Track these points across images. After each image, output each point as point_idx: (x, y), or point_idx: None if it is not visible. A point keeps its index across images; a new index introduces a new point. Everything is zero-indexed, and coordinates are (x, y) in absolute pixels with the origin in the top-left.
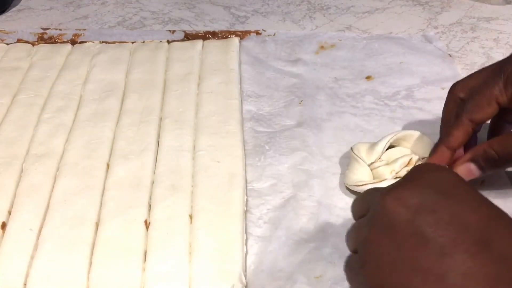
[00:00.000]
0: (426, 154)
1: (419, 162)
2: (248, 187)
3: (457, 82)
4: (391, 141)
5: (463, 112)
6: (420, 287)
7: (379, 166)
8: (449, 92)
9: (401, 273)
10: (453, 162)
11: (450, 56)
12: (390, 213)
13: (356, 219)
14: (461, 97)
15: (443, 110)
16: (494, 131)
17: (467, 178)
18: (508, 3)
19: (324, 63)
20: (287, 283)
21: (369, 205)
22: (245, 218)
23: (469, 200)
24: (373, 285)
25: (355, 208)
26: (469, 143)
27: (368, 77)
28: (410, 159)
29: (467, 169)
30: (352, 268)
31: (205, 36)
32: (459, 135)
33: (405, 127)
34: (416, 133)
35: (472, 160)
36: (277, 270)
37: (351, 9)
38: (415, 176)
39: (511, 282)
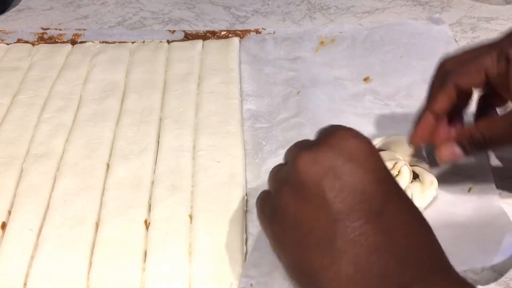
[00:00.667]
0: (414, 162)
1: (405, 167)
2: (248, 187)
3: (448, 56)
4: (379, 145)
5: (449, 77)
6: (313, 248)
7: None
8: (438, 65)
9: (299, 231)
10: (439, 137)
11: (456, 41)
12: (301, 172)
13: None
14: (450, 70)
15: (430, 81)
16: (480, 115)
17: (450, 159)
18: (508, 3)
19: (323, 61)
20: (287, 283)
21: (290, 156)
22: (245, 218)
23: (375, 171)
24: (274, 234)
25: (286, 154)
26: (454, 121)
27: (365, 79)
28: (395, 164)
29: (451, 151)
30: (263, 208)
31: (205, 36)
32: (443, 99)
33: (406, 127)
34: (404, 138)
35: (458, 141)
36: (278, 269)
37: (351, 9)
38: (333, 142)
39: (393, 254)
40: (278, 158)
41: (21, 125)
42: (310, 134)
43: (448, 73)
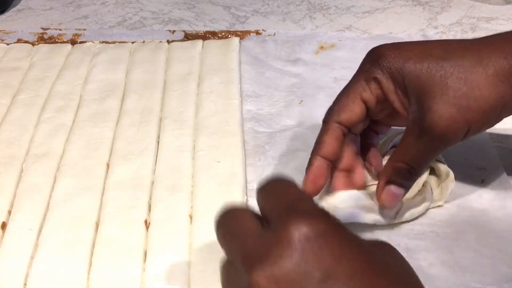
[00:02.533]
0: None
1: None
2: (248, 187)
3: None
4: (394, 141)
5: (330, 116)
6: None
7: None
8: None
9: None
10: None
11: None
12: None
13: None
14: (329, 109)
15: None
16: (364, 146)
17: (394, 202)
18: (508, 3)
19: (324, 63)
20: None
21: (275, 216)
22: None
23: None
24: None
25: (266, 194)
26: (369, 151)
27: None
28: None
29: (390, 194)
30: None
31: (205, 36)
32: (330, 141)
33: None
34: None
35: (389, 182)
36: None
37: (351, 9)
38: (292, 244)
39: None
40: (281, 167)
41: (21, 125)
42: (313, 144)
43: (328, 113)
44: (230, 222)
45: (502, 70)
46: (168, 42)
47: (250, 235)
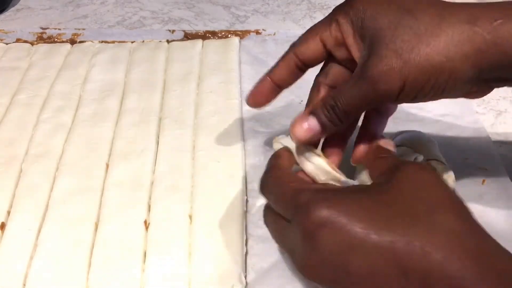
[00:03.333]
0: (431, 155)
1: (424, 162)
2: (248, 187)
3: None
4: (395, 141)
5: (290, 48)
6: None
7: None
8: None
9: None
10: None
11: None
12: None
13: (273, 206)
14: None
15: None
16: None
17: (307, 135)
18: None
19: None
20: (287, 283)
21: (290, 217)
22: (245, 218)
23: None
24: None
25: (271, 200)
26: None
27: None
28: (415, 159)
29: (304, 124)
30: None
31: (205, 35)
32: (282, 66)
33: (406, 127)
34: (419, 133)
35: (311, 112)
36: (277, 270)
37: None
38: (311, 237)
39: None
40: None
41: (20, 125)
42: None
43: (289, 46)
44: (272, 221)
45: (460, 36)
46: (168, 41)
47: (287, 234)
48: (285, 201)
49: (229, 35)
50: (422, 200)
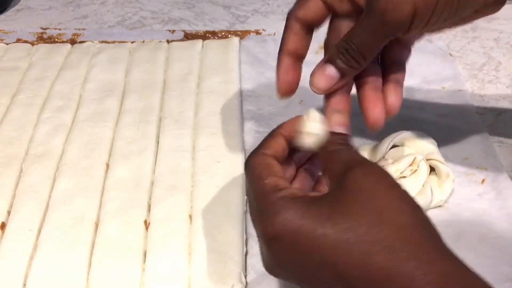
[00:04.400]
0: (430, 155)
1: (423, 162)
2: (251, 185)
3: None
4: (394, 140)
5: (288, 14)
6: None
7: (384, 165)
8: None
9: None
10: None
11: (451, 55)
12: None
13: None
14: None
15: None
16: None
17: (328, 84)
18: (508, 3)
19: None
20: (288, 284)
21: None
22: (245, 218)
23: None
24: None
25: (248, 186)
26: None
27: None
28: (414, 159)
29: (324, 74)
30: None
31: (205, 36)
32: (290, 37)
33: (406, 127)
34: (419, 133)
35: (328, 60)
36: None
37: None
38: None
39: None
40: None
41: (20, 125)
42: None
43: (288, 13)
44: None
45: None
46: (168, 42)
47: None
48: (257, 200)
49: (229, 35)
50: (368, 210)
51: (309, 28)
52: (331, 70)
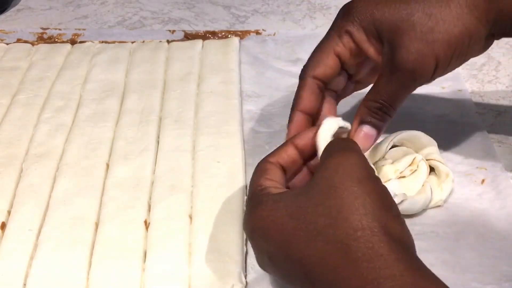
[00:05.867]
0: (430, 155)
1: (422, 162)
2: (248, 187)
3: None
4: (394, 140)
5: (305, 72)
6: None
7: (383, 165)
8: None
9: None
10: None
11: None
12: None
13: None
14: (305, 65)
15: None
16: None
17: (369, 143)
18: None
19: None
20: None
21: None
22: None
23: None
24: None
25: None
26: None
27: None
28: (414, 159)
29: (363, 134)
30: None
31: (205, 36)
32: (307, 96)
33: (405, 127)
34: (418, 133)
35: (362, 122)
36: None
37: None
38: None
39: None
40: None
41: (20, 125)
42: None
43: (303, 70)
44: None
45: (466, 2)
46: (168, 42)
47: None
48: (249, 191)
49: (229, 35)
50: (327, 208)
51: (325, 84)
52: (368, 130)
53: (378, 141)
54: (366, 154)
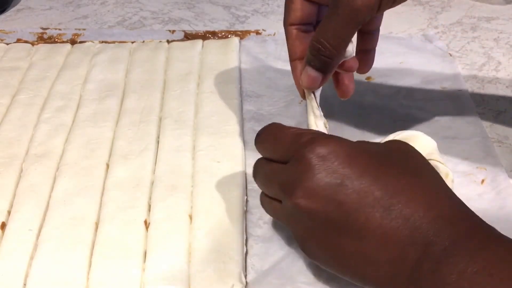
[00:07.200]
0: (430, 155)
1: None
2: (248, 187)
3: None
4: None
5: (284, 22)
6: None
7: None
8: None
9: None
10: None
11: (451, 55)
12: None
13: (264, 155)
14: None
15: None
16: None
17: (312, 85)
18: (508, 3)
19: None
20: (287, 283)
21: (289, 157)
22: (245, 218)
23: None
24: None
25: (268, 143)
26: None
27: (368, 78)
28: None
29: (307, 76)
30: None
31: (205, 36)
32: (292, 43)
33: (405, 127)
34: (418, 133)
35: (306, 62)
36: (277, 270)
37: None
38: (308, 168)
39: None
40: None
41: (20, 125)
42: None
43: (283, 22)
44: (264, 168)
45: None
46: (168, 42)
47: (280, 173)
48: (285, 143)
49: (229, 35)
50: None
51: (306, 28)
52: (311, 72)
53: (378, 141)
54: None
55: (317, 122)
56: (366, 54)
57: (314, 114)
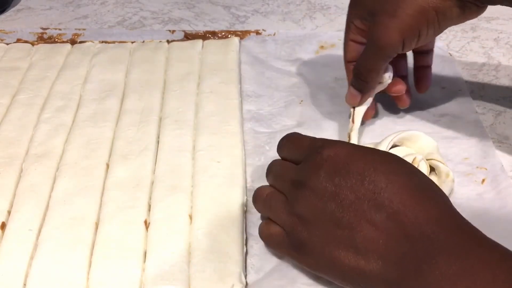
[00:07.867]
0: (430, 155)
1: (423, 162)
2: (248, 187)
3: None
4: (394, 140)
5: (344, 57)
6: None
7: None
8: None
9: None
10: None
11: (451, 55)
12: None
13: (282, 156)
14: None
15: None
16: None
17: (353, 102)
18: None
19: (324, 63)
20: (287, 283)
21: (302, 158)
22: (245, 218)
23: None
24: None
25: (288, 147)
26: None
27: None
28: (414, 159)
29: (349, 93)
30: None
31: (205, 36)
32: (349, 68)
33: (406, 127)
34: (418, 133)
35: (350, 83)
36: (278, 271)
37: None
38: (319, 166)
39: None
40: None
41: (20, 125)
42: None
43: (344, 59)
44: (279, 165)
45: None
46: (168, 42)
47: (293, 170)
48: (301, 148)
49: (229, 35)
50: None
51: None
52: (352, 90)
53: (378, 141)
54: None
55: (351, 133)
56: (422, 71)
57: (350, 125)
